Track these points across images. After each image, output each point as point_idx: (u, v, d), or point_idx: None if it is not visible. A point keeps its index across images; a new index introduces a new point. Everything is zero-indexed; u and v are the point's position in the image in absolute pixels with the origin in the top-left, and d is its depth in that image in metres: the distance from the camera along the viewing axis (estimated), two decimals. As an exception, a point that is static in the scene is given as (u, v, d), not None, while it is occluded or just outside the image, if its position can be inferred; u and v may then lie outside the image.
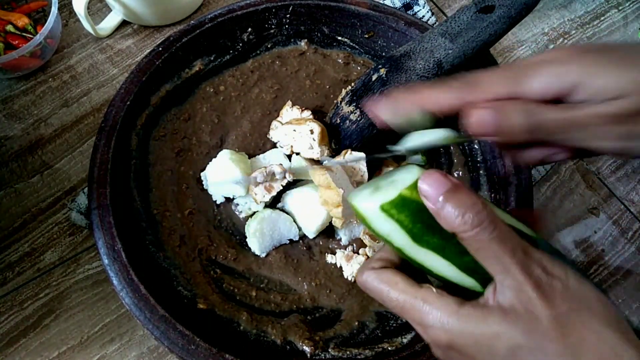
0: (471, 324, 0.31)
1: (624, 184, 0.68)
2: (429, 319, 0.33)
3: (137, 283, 0.49)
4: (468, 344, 0.32)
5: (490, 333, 0.31)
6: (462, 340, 0.32)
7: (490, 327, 0.31)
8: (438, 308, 0.32)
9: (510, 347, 0.30)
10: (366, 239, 0.55)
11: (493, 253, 0.31)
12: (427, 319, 0.33)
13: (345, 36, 0.66)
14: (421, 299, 0.33)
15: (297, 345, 0.50)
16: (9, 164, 0.65)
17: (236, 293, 0.53)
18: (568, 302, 0.30)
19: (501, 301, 0.31)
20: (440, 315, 0.32)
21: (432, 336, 0.33)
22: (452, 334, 0.32)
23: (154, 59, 0.60)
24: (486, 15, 0.51)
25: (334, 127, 0.58)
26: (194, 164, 0.59)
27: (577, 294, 0.31)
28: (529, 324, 0.30)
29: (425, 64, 0.53)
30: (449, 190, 0.31)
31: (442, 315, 0.32)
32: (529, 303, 0.30)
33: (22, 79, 0.71)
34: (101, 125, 0.56)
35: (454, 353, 0.33)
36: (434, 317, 0.32)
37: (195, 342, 0.47)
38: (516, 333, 0.30)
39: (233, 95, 0.64)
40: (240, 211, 0.57)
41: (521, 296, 0.30)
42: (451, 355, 0.33)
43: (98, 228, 0.51)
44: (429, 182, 0.32)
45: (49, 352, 0.56)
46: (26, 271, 0.60)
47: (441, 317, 0.32)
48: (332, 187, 0.51)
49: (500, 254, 0.31)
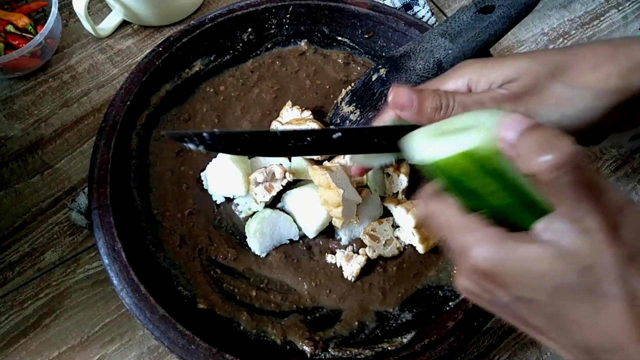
0: (518, 258, 0.31)
1: (624, 184, 0.68)
2: (472, 244, 0.32)
3: (137, 283, 0.49)
4: (509, 275, 0.31)
5: (538, 270, 0.30)
6: (503, 271, 0.31)
7: (539, 265, 0.30)
8: (484, 236, 0.32)
9: (558, 285, 0.30)
10: (366, 239, 0.55)
11: (570, 197, 0.29)
12: (470, 244, 0.32)
13: (345, 36, 0.66)
14: (469, 226, 0.33)
15: (297, 345, 0.50)
16: (9, 164, 0.65)
17: (236, 293, 0.53)
18: (634, 247, 0.29)
19: (560, 242, 0.30)
20: (485, 242, 0.32)
21: (471, 263, 0.32)
22: (493, 263, 0.31)
23: (154, 59, 0.60)
24: (486, 15, 0.51)
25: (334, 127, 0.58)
26: (194, 164, 0.59)
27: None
28: (586, 266, 0.29)
29: (425, 64, 0.53)
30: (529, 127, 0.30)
31: (487, 243, 0.32)
32: (594, 248, 0.29)
33: (22, 79, 0.71)
34: (101, 126, 0.56)
35: (487, 282, 0.32)
36: (478, 242, 0.32)
37: (195, 342, 0.47)
38: (568, 272, 0.29)
39: (233, 96, 0.64)
40: (240, 211, 0.57)
41: (586, 241, 0.29)
42: (484, 284, 0.32)
43: (98, 228, 0.51)
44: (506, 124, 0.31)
45: (49, 352, 0.56)
46: (26, 271, 0.60)
47: (485, 244, 0.32)
48: (332, 187, 0.51)
49: (578, 199, 0.29)
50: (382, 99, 0.54)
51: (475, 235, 0.32)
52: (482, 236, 0.32)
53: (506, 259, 0.31)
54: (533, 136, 0.29)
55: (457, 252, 0.34)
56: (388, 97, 0.42)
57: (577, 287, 0.29)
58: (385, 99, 0.54)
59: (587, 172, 0.29)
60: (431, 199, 0.36)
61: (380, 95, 0.55)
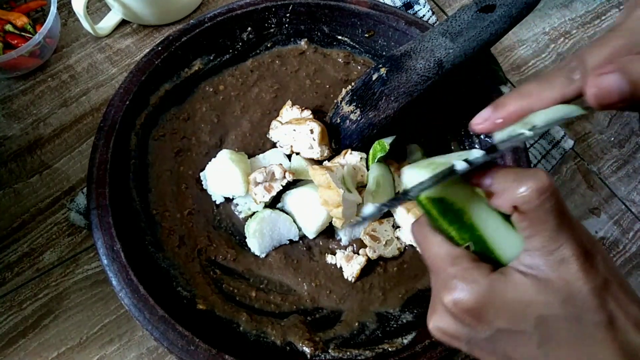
0: (503, 290, 0.31)
1: (625, 184, 0.68)
2: (457, 279, 0.32)
3: (136, 283, 0.49)
4: (494, 308, 0.31)
5: (523, 301, 0.31)
6: (488, 304, 0.31)
7: (524, 296, 0.30)
8: (471, 272, 0.32)
9: (543, 316, 0.30)
10: (366, 240, 0.55)
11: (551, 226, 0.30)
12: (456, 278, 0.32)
13: (346, 35, 0.66)
14: (455, 259, 0.33)
15: (297, 346, 0.50)
16: (7, 164, 0.65)
17: (236, 294, 0.53)
18: (607, 275, 0.30)
19: (538, 274, 0.31)
20: (471, 277, 0.32)
21: (456, 297, 0.32)
22: (479, 297, 0.31)
23: (153, 58, 0.59)
24: (487, 14, 0.50)
25: (334, 127, 0.58)
26: (193, 164, 0.59)
27: (613, 268, 0.31)
28: (567, 296, 0.30)
29: (425, 64, 0.52)
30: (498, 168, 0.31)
31: (473, 278, 0.32)
32: (571, 277, 0.30)
33: (21, 78, 0.70)
34: (100, 125, 0.56)
35: (471, 317, 0.32)
36: (464, 278, 0.32)
37: (194, 343, 0.47)
38: (552, 303, 0.30)
39: (233, 95, 0.63)
40: (240, 211, 0.57)
41: (563, 270, 0.30)
42: (466, 321, 0.32)
43: (97, 228, 0.51)
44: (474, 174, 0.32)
45: (48, 353, 0.56)
46: (25, 271, 0.60)
47: (471, 279, 0.32)
48: (332, 187, 0.50)
49: (557, 228, 0.30)
50: (383, 98, 0.54)
51: (461, 267, 0.33)
52: (468, 269, 0.32)
53: (492, 292, 0.31)
54: (507, 173, 0.31)
55: (440, 284, 0.33)
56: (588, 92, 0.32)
57: (561, 316, 0.30)
58: (385, 99, 0.54)
59: (562, 202, 0.30)
60: (422, 227, 0.36)
61: (381, 95, 0.54)
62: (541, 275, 0.31)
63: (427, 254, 0.35)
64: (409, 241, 0.55)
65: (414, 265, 0.55)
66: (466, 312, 0.32)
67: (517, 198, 0.30)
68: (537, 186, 0.29)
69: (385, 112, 0.55)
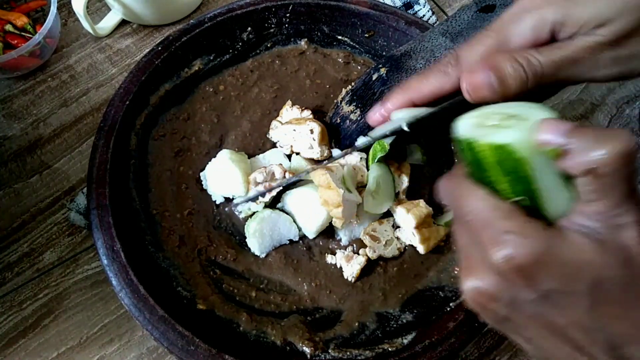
0: (560, 248, 0.29)
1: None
2: (509, 235, 0.30)
3: (136, 283, 0.49)
4: (548, 265, 0.29)
5: (581, 260, 0.29)
6: (543, 261, 0.29)
7: (582, 255, 0.29)
8: (525, 227, 0.30)
9: (598, 277, 0.29)
10: (366, 240, 0.55)
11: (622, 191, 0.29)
12: (507, 234, 0.30)
13: (346, 35, 0.66)
14: (507, 214, 0.31)
15: (297, 346, 0.50)
16: (7, 164, 0.65)
17: (236, 294, 0.53)
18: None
19: (598, 234, 0.29)
20: (525, 233, 0.30)
21: (507, 254, 0.30)
22: (533, 253, 0.29)
23: (153, 58, 0.59)
24: (487, 14, 0.50)
25: (334, 127, 0.58)
26: (193, 164, 0.59)
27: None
28: (625, 258, 0.29)
29: (425, 64, 0.52)
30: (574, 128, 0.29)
31: (529, 236, 0.30)
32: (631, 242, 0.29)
33: (21, 78, 0.70)
34: (100, 125, 0.56)
35: (520, 276, 0.30)
36: (518, 233, 0.30)
37: (194, 343, 0.47)
38: (611, 265, 0.29)
39: (233, 95, 0.63)
40: (240, 211, 0.57)
41: (624, 235, 0.29)
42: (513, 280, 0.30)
43: (97, 228, 0.51)
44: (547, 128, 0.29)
45: (48, 353, 0.56)
46: (25, 271, 0.60)
47: (528, 238, 0.29)
48: (332, 187, 0.50)
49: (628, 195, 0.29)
50: (383, 98, 0.54)
51: (515, 223, 0.30)
52: (522, 225, 0.30)
53: (547, 248, 0.29)
54: (585, 132, 0.28)
55: (487, 240, 0.31)
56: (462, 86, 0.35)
57: (617, 279, 0.29)
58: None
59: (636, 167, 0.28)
60: (459, 180, 0.33)
61: (381, 95, 0.54)
62: (602, 236, 0.29)
63: (468, 208, 0.32)
64: (409, 241, 0.55)
65: (414, 265, 0.55)
66: (519, 269, 0.29)
67: (596, 160, 0.28)
68: (621, 149, 0.27)
69: (385, 112, 0.55)
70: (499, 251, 0.30)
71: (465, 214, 0.33)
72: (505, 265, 0.30)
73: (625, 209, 0.29)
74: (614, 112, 0.72)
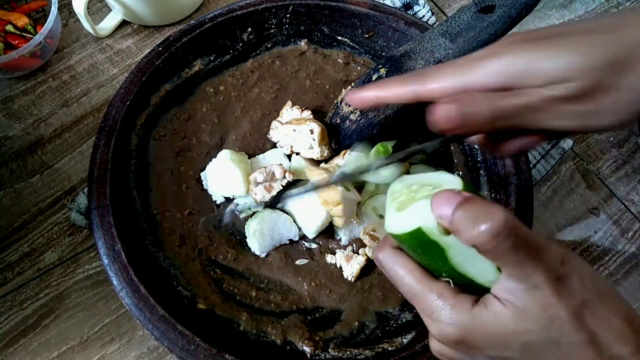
0: (486, 322, 0.32)
1: (624, 184, 0.68)
2: (441, 314, 0.33)
3: (136, 283, 0.49)
4: (480, 339, 0.32)
5: (505, 331, 0.32)
6: (474, 336, 0.33)
7: (505, 326, 0.31)
8: (453, 305, 0.33)
9: (525, 342, 0.31)
10: (366, 239, 0.55)
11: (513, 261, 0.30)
12: (440, 313, 0.33)
13: (346, 36, 0.66)
14: (436, 293, 0.34)
15: (297, 346, 0.50)
16: (8, 164, 0.65)
17: (236, 293, 0.53)
18: (584, 293, 0.31)
19: (515, 301, 0.31)
20: (454, 313, 0.33)
21: (442, 330, 0.33)
22: (464, 331, 0.33)
23: (153, 58, 0.60)
24: (486, 15, 0.51)
25: (334, 127, 0.58)
26: (194, 164, 0.59)
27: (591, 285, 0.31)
28: (545, 321, 0.31)
29: (425, 64, 0.52)
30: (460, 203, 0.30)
31: (456, 313, 0.33)
32: (546, 302, 0.30)
33: (22, 79, 0.70)
34: (101, 125, 0.56)
35: (461, 347, 0.33)
36: (448, 313, 0.33)
37: (195, 342, 0.47)
38: (532, 330, 0.31)
39: (233, 95, 0.63)
40: (240, 211, 0.57)
41: (537, 296, 0.31)
42: (458, 349, 0.34)
43: (98, 228, 0.51)
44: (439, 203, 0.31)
45: (49, 353, 0.56)
46: (26, 271, 0.60)
47: (455, 315, 0.33)
48: (332, 186, 0.50)
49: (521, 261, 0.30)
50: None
51: (443, 302, 0.33)
52: (450, 303, 0.33)
53: (475, 325, 0.32)
54: (466, 209, 0.30)
55: (425, 316, 0.34)
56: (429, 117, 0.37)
57: (543, 341, 0.31)
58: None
59: (523, 233, 0.30)
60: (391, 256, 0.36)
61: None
62: (519, 302, 0.31)
63: (402, 287, 0.35)
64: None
65: (413, 265, 0.55)
66: (455, 343, 0.33)
67: (473, 240, 0.30)
68: (491, 229, 0.29)
69: (384, 112, 0.55)
70: (434, 328, 0.34)
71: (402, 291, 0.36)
72: (443, 340, 0.34)
73: (529, 272, 0.30)
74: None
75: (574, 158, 0.70)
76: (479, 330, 0.32)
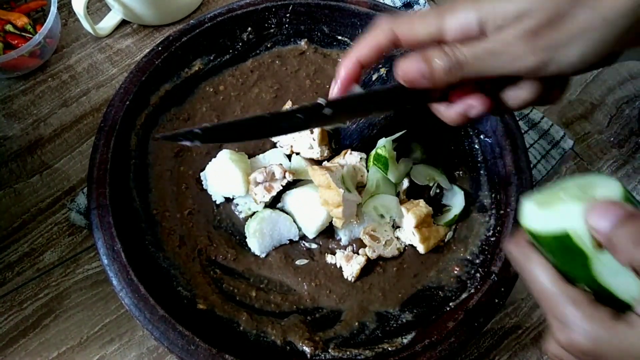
0: (625, 341, 0.30)
1: (624, 184, 0.68)
2: (575, 322, 0.32)
3: (136, 283, 0.49)
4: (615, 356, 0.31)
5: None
6: (609, 352, 0.31)
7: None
8: (590, 316, 0.31)
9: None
10: (366, 239, 0.55)
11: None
12: (573, 321, 0.32)
13: (346, 35, 0.66)
14: (572, 299, 0.32)
15: (297, 346, 0.50)
16: (8, 164, 0.65)
17: (236, 293, 0.53)
18: None
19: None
20: (589, 324, 0.31)
21: (572, 338, 0.32)
22: (598, 344, 0.31)
23: (153, 58, 0.59)
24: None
25: (334, 127, 0.58)
26: (193, 164, 0.59)
27: None
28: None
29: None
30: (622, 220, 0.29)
31: (592, 324, 0.31)
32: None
33: (22, 78, 0.70)
34: (100, 125, 0.56)
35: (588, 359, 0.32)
36: (583, 323, 0.31)
37: (195, 343, 0.47)
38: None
39: (233, 95, 0.63)
40: (240, 211, 0.57)
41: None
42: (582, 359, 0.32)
43: (97, 228, 0.51)
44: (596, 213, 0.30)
45: (49, 353, 0.56)
46: (26, 271, 0.60)
47: (590, 326, 0.31)
48: (332, 187, 0.50)
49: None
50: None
51: (579, 311, 0.32)
52: (587, 314, 0.31)
53: (613, 341, 0.31)
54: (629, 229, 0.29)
55: (556, 321, 0.33)
56: (396, 71, 0.39)
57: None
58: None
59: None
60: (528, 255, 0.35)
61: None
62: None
63: (535, 286, 0.34)
64: (409, 241, 0.55)
65: (413, 265, 0.55)
66: (583, 353, 0.32)
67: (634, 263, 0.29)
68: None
69: (384, 113, 0.55)
70: (563, 334, 0.32)
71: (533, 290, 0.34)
72: (570, 347, 0.32)
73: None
74: (614, 112, 0.73)
75: (574, 158, 0.69)
76: (616, 346, 0.30)
